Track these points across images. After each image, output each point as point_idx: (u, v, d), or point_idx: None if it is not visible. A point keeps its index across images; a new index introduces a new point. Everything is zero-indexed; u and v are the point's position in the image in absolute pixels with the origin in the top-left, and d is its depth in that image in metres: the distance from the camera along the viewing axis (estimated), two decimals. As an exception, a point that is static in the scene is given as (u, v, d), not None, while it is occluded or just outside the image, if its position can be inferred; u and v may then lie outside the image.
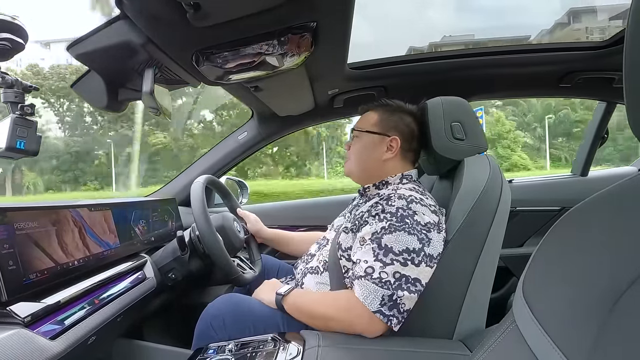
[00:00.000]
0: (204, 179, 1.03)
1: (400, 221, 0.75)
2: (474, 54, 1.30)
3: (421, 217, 0.76)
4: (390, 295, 0.70)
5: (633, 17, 0.25)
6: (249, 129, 1.53)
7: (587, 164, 1.63)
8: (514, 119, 21.67)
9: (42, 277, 0.66)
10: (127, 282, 0.87)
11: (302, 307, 0.81)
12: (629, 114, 0.27)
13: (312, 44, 0.86)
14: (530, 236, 1.57)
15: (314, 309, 0.79)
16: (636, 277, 0.28)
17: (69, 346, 0.61)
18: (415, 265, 0.72)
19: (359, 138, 0.95)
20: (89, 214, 0.84)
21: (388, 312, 0.70)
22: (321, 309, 0.78)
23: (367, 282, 0.72)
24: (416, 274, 0.72)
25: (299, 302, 0.82)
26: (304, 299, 0.83)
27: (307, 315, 0.80)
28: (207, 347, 0.77)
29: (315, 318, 0.79)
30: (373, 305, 0.70)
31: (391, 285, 0.70)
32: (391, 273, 0.71)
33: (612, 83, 1.34)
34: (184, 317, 1.13)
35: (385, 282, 0.71)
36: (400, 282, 0.71)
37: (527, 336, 0.34)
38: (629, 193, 0.34)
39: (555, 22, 24.45)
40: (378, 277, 0.71)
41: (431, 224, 0.76)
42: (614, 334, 0.27)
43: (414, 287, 0.71)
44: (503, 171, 0.87)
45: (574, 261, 0.34)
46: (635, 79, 0.26)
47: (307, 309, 0.80)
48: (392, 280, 0.71)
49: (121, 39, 0.75)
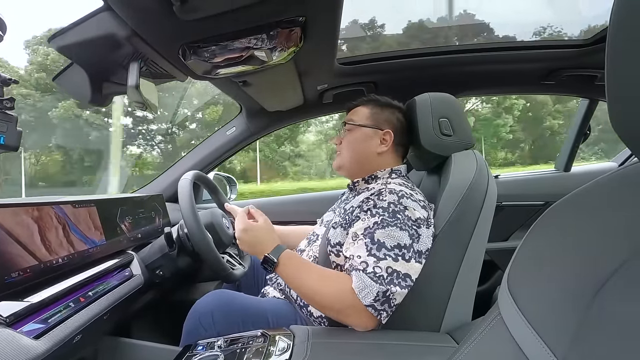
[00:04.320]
0: (192, 176, 1.01)
1: (393, 216, 0.75)
2: (462, 50, 1.32)
3: (412, 212, 0.77)
4: (384, 291, 0.70)
5: (615, 16, 0.25)
6: (238, 124, 1.51)
7: (570, 159, 1.67)
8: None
9: (25, 276, 0.65)
10: (113, 280, 0.86)
11: (295, 281, 0.78)
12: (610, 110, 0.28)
13: (301, 39, 0.85)
14: (515, 230, 1.60)
15: (308, 288, 0.76)
16: (615, 269, 0.28)
17: (54, 345, 0.60)
18: (405, 261, 0.73)
19: (352, 132, 0.96)
20: (73, 210, 0.82)
21: (379, 307, 0.71)
22: (317, 294, 0.76)
23: (364, 275, 0.72)
24: (406, 269, 0.73)
25: (293, 274, 0.78)
26: (300, 273, 0.78)
27: (298, 289, 0.78)
28: (196, 343, 0.76)
29: (306, 296, 0.77)
30: (366, 299, 0.70)
31: (384, 281, 0.71)
32: (384, 268, 0.72)
33: (595, 80, 1.37)
34: (172, 314, 1.12)
35: (379, 277, 0.71)
36: (392, 277, 0.71)
37: (512, 327, 0.35)
38: (609, 188, 0.35)
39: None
40: (372, 272, 0.72)
41: (421, 219, 0.77)
42: (595, 325, 0.28)
43: (404, 282, 0.72)
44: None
45: (556, 254, 0.35)
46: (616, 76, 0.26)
47: (301, 285, 0.77)
48: (385, 275, 0.71)
49: (105, 31, 0.73)
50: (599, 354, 0.27)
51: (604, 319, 0.27)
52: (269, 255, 0.79)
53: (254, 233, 0.83)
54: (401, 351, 0.70)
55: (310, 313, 0.86)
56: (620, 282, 0.28)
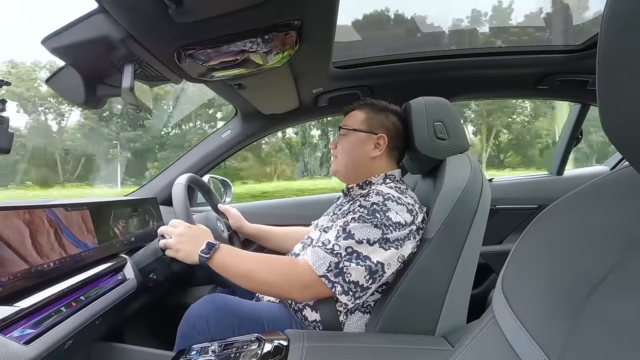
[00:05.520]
0: (186, 180, 1.01)
1: (371, 214, 0.77)
2: (457, 55, 1.33)
3: (394, 215, 0.77)
4: (337, 262, 0.73)
5: (606, 23, 0.26)
6: (233, 126, 1.51)
7: (563, 163, 1.68)
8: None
9: (15, 280, 0.64)
10: (106, 284, 0.84)
11: (235, 269, 0.78)
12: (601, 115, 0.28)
13: (297, 42, 0.85)
14: (509, 233, 1.61)
15: (250, 271, 0.77)
16: (608, 271, 0.29)
17: (44, 351, 0.59)
18: (369, 245, 0.74)
19: (346, 136, 0.96)
20: (65, 213, 0.81)
21: (333, 279, 0.73)
22: (261, 274, 0.77)
23: (320, 250, 0.76)
24: (368, 252, 0.74)
25: (231, 263, 0.79)
26: (238, 260, 0.79)
27: (240, 276, 0.78)
28: (190, 348, 0.76)
29: (250, 282, 0.78)
30: (320, 269, 0.73)
31: (340, 256, 0.74)
32: (344, 247, 0.74)
33: (587, 85, 1.39)
34: (165, 318, 1.11)
35: (336, 253, 0.74)
36: (351, 256, 0.74)
37: (506, 330, 0.35)
38: (600, 192, 0.35)
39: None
40: (330, 249, 0.75)
41: (401, 224, 0.77)
42: (588, 326, 0.28)
43: (363, 262, 0.73)
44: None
45: (549, 257, 0.35)
46: (607, 82, 0.27)
47: (242, 270, 0.78)
48: (343, 253, 0.74)
49: (99, 33, 0.73)
50: (592, 355, 0.27)
51: (597, 320, 0.28)
52: (207, 242, 0.80)
53: (191, 232, 0.84)
54: (396, 354, 0.70)
55: (305, 317, 0.85)
56: (612, 283, 0.28)
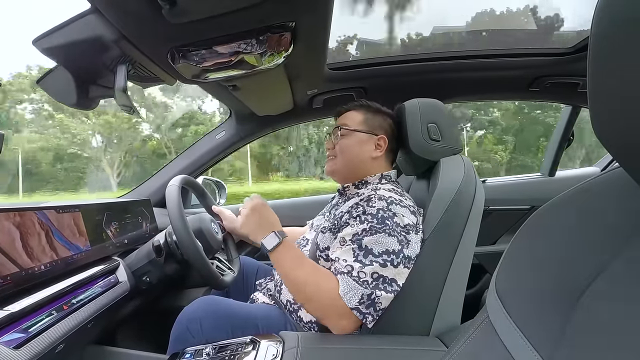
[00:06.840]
0: (179, 181, 1.00)
1: (381, 223, 0.76)
2: (450, 57, 1.34)
3: (401, 218, 0.77)
4: (369, 294, 0.71)
5: (596, 26, 0.26)
6: (227, 128, 1.50)
7: (555, 164, 1.70)
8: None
9: (5, 284, 0.63)
10: (98, 287, 0.84)
11: (290, 271, 0.79)
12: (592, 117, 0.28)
13: (291, 44, 0.85)
14: (502, 234, 1.63)
15: (302, 283, 0.77)
16: (599, 271, 0.29)
17: (35, 355, 0.58)
18: (394, 266, 0.73)
19: (346, 136, 0.95)
20: (56, 216, 0.80)
21: (365, 310, 0.71)
22: (308, 284, 0.76)
23: (349, 278, 0.72)
24: (393, 274, 0.73)
25: (287, 265, 0.79)
26: (296, 265, 0.79)
27: (288, 280, 0.79)
28: (183, 351, 0.75)
29: (295, 290, 0.79)
30: (352, 302, 0.71)
31: (369, 285, 0.71)
32: (369, 273, 0.72)
33: (577, 88, 1.41)
34: (159, 321, 1.10)
35: (364, 282, 0.72)
36: (378, 282, 0.72)
37: (500, 330, 0.35)
38: (592, 192, 0.36)
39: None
40: (357, 276, 0.72)
41: (410, 225, 0.78)
42: (580, 325, 0.28)
43: (391, 287, 0.72)
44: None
45: (541, 258, 0.35)
46: (597, 84, 0.27)
47: (293, 277, 0.78)
48: (369, 280, 0.72)
49: (92, 33, 0.72)
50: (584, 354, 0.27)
51: (589, 319, 0.28)
52: (277, 232, 0.81)
53: (266, 213, 0.85)
54: (391, 356, 0.70)
55: (300, 318, 0.85)
56: (603, 283, 0.29)
